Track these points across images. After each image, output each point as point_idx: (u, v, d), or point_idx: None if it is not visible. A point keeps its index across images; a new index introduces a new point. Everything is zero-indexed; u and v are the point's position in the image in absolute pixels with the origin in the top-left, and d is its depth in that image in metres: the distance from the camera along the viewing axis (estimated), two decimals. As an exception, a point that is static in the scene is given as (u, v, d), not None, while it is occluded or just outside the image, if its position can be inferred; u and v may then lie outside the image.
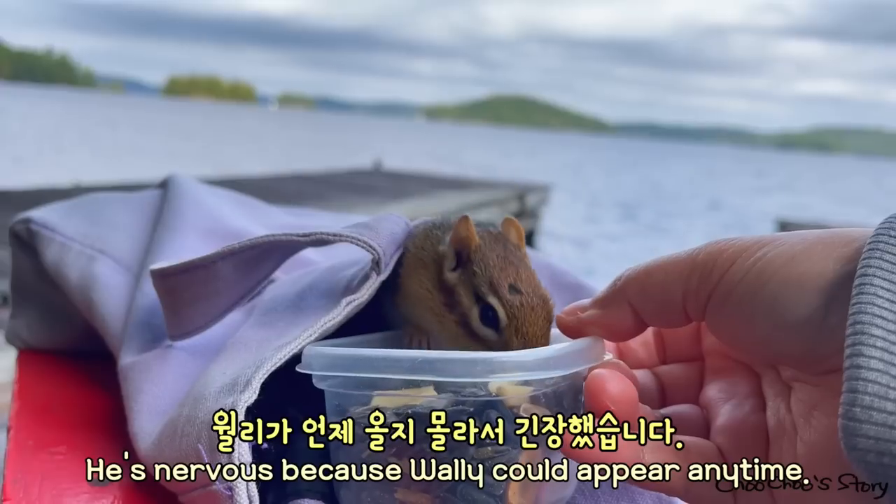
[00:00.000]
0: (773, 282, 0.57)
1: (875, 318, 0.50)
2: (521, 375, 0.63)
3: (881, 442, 0.48)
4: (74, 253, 1.14)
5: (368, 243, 0.78)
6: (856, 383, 0.49)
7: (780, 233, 0.62)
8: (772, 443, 0.62)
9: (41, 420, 0.98)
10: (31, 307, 1.24)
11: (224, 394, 0.71)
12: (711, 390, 0.70)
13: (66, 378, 1.14)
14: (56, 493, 0.80)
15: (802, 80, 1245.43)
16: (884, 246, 0.53)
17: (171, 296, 0.88)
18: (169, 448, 0.74)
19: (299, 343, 0.73)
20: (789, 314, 0.56)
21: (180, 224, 1.16)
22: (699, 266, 0.62)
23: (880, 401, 0.48)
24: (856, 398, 0.48)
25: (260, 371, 0.70)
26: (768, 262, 0.58)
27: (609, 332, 0.69)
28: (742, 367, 0.69)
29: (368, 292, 0.78)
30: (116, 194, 1.33)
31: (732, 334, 0.62)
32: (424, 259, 0.80)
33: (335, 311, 0.76)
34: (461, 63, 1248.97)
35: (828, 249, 0.57)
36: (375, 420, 0.65)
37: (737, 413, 0.66)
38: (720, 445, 0.65)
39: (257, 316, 0.87)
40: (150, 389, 0.87)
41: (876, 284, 0.51)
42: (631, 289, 0.66)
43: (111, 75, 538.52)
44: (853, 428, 0.48)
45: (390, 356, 0.66)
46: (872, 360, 0.49)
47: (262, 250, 0.84)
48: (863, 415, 0.48)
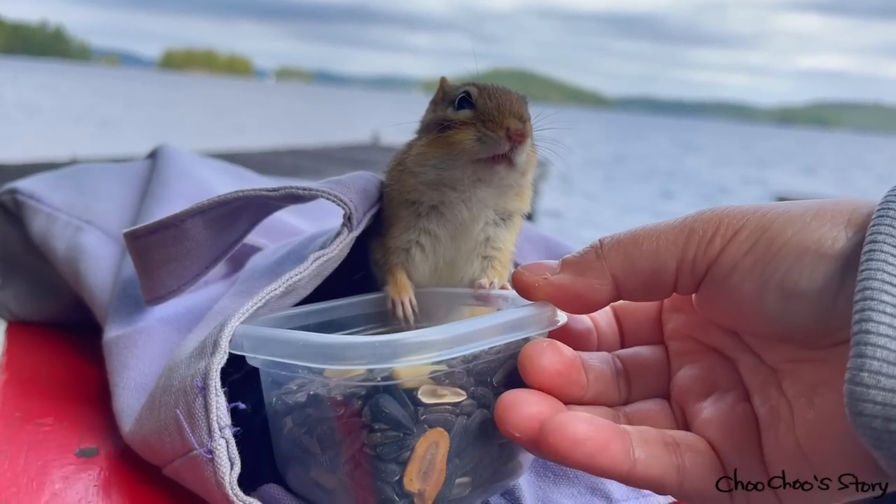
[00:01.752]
0: (786, 251, 0.55)
1: (885, 283, 0.49)
2: (428, 357, 0.60)
3: (888, 408, 0.47)
4: (61, 224, 1.13)
5: (340, 198, 0.76)
6: (864, 348, 0.48)
7: (777, 202, 0.60)
8: (764, 431, 0.59)
9: (29, 391, 0.97)
10: (19, 279, 1.23)
11: (195, 358, 0.69)
12: (684, 380, 0.66)
13: (55, 349, 1.13)
14: (42, 463, 0.79)
15: (801, 54, 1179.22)
16: (893, 213, 0.52)
17: (142, 258, 0.86)
18: (148, 420, 0.73)
19: (263, 298, 0.72)
20: (805, 285, 0.54)
21: (167, 194, 1.15)
22: (697, 233, 0.59)
23: (889, 366, 0.47)
24: (864, 363, 0.47)
25: (225, 330, 0.69)
26: (779, 230, 0.56)
27: (579, 302, 0.63)
28: (712, 352, 0.66)
29: (340, 248, 0.76)
30: (105, 164, 1.31)
31: (735, 310, 0.59)
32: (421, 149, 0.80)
33: (302, 266, 0.75)
34: (459, 36, 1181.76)
35: (838, 216, 0.55)
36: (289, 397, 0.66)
37: (721, 405, 0.62)
38: (710, 439, 0.61)
39: (237, 286, 0.86)
40: (136, 365, 0.86)
41: (886, 251, 0.50)
42: (615, 258, 0.61)
43: (107, 48, 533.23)
44: (860, 393, 0.47)
45: (303, 340, 0.63)
46: (882, 325, 0.48)
47: (233, 208, 0.82)
48: (870, 380, 0.47)
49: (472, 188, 0.77)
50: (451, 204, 0.79)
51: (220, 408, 0.65)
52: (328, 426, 0.64)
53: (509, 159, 0.74)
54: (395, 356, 0.59)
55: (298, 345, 0.63)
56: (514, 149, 0.73)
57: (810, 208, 0.56)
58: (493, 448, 0.66)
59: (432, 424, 0.62)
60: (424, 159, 0.78)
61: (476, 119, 0.75)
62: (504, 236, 0.82)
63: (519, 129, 0.72)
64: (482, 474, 0.66)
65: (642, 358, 0.69)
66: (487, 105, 0.74)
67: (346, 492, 0.64)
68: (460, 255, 0.81)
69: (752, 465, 0.58)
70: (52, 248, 1.11)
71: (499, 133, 0.73)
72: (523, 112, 0.75)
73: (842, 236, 0.54)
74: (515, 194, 0.81)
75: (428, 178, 0.78)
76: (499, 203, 0.80)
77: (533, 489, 0.78)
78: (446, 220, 0.80)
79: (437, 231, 0.80)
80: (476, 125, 0.74)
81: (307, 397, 0.66)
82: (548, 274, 0.64)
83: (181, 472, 0.70)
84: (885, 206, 0.53)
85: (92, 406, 0.93)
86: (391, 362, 0.59)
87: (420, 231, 0.80)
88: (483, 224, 0.80)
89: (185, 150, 1.38)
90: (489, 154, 0.74)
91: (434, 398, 0.62)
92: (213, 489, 0.64)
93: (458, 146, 0.75)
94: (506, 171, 0.76)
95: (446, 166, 0.77)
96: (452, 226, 0.80)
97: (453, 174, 0.77)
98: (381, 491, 0.62)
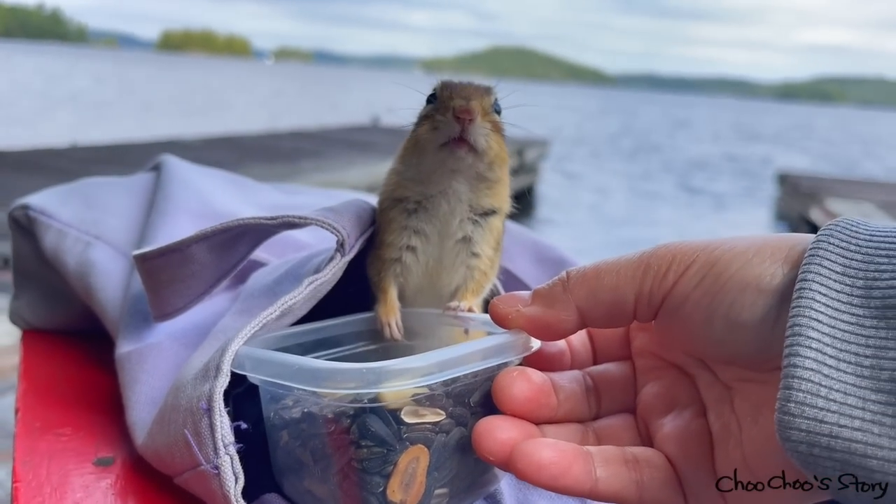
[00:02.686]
0: (730, 285, 0.61)
1: (812, 321, 0.55)
2: (411, 383, 0.67)
3: (812, 435, 0.53)
4: (71, 239, 1.19)
5: (333, 225, 0.83)
6: (791, 381, 0.54)
7: (726, 237, 0.66)
8: (717, 446, 0.65)
9: (47, 401, 1.04)
10: (33, 289, 1.29)
11: (199, 380, 0.76)
12: (648, 396, 0.73)
13: (68, 358, 1.20)
14: (63, 473, 0.86)
15: (803, 28, 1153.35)
16: (823, 253, 0.58)
17: (150, 278, 0.93)
18: (159, 435, 0.80)
19: (260, 322, 0.78)
20: (746, 316, 0.61)
21: (172, 208, 1.21)
22: (653, 269, 0.65)
23: (812, 397, 0.53)
24: (790, 395, 0.54)
25: (226, 354, 0.75)
26: (724, 266, 0.62)
27: (548, 331, 0.70)
28: (673, 368, 0.72)
29: (333, 272, 0.83)
30: (111, 179, 1.38)
31: (687, 336, 0.65)
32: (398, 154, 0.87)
33: (296, 290, 0.81)
34: (458, 14, 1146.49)
35: (777, 252, 0.61)
36: (286, 412, 0.74)
37: (679, 422, 0.68)
38: (669, 454, 0.67)
39: (238, 304, 0.92)
40: (147, 380, 0.92)
41: (814, 290, 0.56)
42: (580, 291, 0.67)
43: (104, 30, 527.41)
44: (787, 421, 0.54)
45: (298, 364, 0.70)
46: (808, 360, 0.54)
47: (235, 234, 0.89)
48: (796, 409, 0.53)
49: (448, 181, 0.84)
50: (433, 198, 0.85)
51: (224, 427, 0.72)
52: (320, 441, 0.72)
53: (468, 143, 0.80)
54: (380, 381, 0.66)
55: (294, 368, 0.70)
56: (466, 130, 0.79)
57: (753, 244, 0.62)
58: (470, 461, 0.73)
59: (414, 441, 0.69)
60: (403, 157, 0.86)
61: (433, 110, 0.82)
62: (481, 238, 0.86)
63: (462, 106, 0.78)
64: (459, 485, 0.74)
65: (610, 375, 0.76)
66: (443, 95, 0.81)
67: (336, 501, 0.72)
68: (445, 253, 0.87)
69: (704, 479, 0.65)
70: (63, 262, 1.17)
71: (447, 116, 0.79)
72: (471, 93, 0.80)
73: (779, 273, 0.60)
74: (487, 188, 0.85)
75: (408, 174, 0.85)
76: (472, 198, 0.85)
77: (513, 492, 0.85)
78: (431, 216, 0.85)
79: (426, 228, 0.86)
80: (433, 115, 0.82)
81: (302, 414, 0.73)
82: (520, 306, 0.70)
83: (190, 483, 0.77)
84: (815, 247, 0.59)
85: (106, 416, 1.00)
86: (376, 387, 0.66)
87: (410, 233, 0.86)
88: (459, 220, 0.85)
89: (185, 162, 1.44)
90: (444, 139, 0.80)
91: (416, 418, 0.69)
92: (220, 501, 0.71)
93: (419, 138, 0.82)
94: (469, 155, 0.81)
95: (419, 161, 0.83)
96: (438, 221, 0.86)
97: (426, 167, 0.83)
98: (366, 501, 0.70)
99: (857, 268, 0.57)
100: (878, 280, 0.55)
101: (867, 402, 0.52)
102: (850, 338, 0.54)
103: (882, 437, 0.51)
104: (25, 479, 0.84)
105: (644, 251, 0.67)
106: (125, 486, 0.85)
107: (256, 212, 1.35)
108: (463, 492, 0.75)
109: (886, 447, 0.51)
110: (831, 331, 0.54)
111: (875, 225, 0.60)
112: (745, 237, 0.64)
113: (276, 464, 0.78)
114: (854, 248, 0.58)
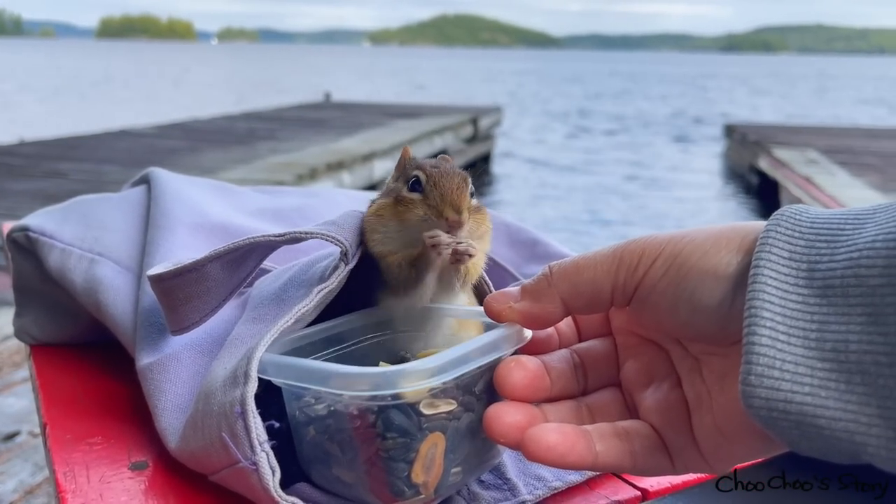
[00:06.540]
0: (691, 275, 0.71)
1: (765, 303, 0.64)
2: (426, 383, 0.76)
3: (770, 401, 0.63)
4: (75, 258, 1.26)
5: (336, 238, 0.91)
6: (750, 356, 0.64)
7: (688, 229, 0.75)
8: (692, 413, 0.75)
9: (71, 413, 1.11)
10: (37, 306, 1.35)
11: (229, 387, 0.84)
12: (630, 372, 0.82)
13: (82, 369, 1.26)
14: (102, 479, 0.94)
15: None
16: (771, 241, 0.67)
17: (167, 297, 1.01)
18: (194, 440, 0.89)
19: (278, 329, 0.87)
20: (706, 301, 0.70)
21: (169, 223, 1.28)
22: (625, 262, 0.74)
23: (769, 370, 0.63)
24: (751, 368, 0.63)
25: (252, 362, 0.83)
26: (686, 257, 0.71)
27: (537, 322, 0.80)
28: (649, 344, 0.81)
29: (338, 280, 0.91)
30: (102, 196, 1.43)
31: (657, 319, 0.75)
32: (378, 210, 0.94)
33: (307, 299, 0.89)
34: None
35: (731, 243, 0.71)
36: (310, 410, 0.83)
37: (658, 394, 0.78)
38: (653, 424, 0.77)
39: (248, 311, 1.00)
40: (171, 388, 1.00)
41: (766, 275, 0.65)
42: (562, 284, 0.76)
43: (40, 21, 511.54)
44: (749, 391, 0.64)
45: (318, 369, 0.79)
46: (763, 337, 0.63)
47: (245, 251, 0.97)
48: (756, 381, 0.63)
49: None
50: None
51: (259, 427, 0.81)
52: (347, 435, 0.81)
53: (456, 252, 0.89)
54: (400, 382, 0.76)
55: (317, 373, 0.79)
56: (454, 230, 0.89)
57: (711, 235, 0.72)
58: (479, 442, 0.84)
59: (432, 430, 0.80)
60: (381, 222, 0.93)
61: (423, 203, 0.90)
62: None
63: (455, 220, 0.88)
64: (471, 462, 0.85)
65: (595, 351, 0.85)
66: (433, 193, 0.89)
67: (364, 485, 0.82)
68: None
69: (684, 442, 0.75)
70: (70, 280, 1.24)
71: (440, 221, 0.88)
72: (461, 202, 0.89)
73: (734, 261, 0.70)
74: None
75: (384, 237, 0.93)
76: None
77: (515, 463, 0.95)
78: None
79: None
80: (423, 208, 0.89)
81: (328, 411, 0.82)
82: (511, 302, 0.80)
83: (227, 480, 0.86)
84: (765, 235, 0.68)
85: (132, 423, 1.07)
86: (395, 388, 0.76)
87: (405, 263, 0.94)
88: None
89: (171, 174, 1.50)
90: None
91: (432, 409, 0.79)
92: (260, 493, 0.80)
93: (407, 222, 0.90)
94: None
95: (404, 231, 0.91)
96: None
97: (412, 235, 0.91)
98: (393, 484, 0.80)
99: (801, 252, 0.66)
100: (819, 263, 0.65)
101: (815, 371, 0.62)
102: (797, 315, 0.64)
103: (828, 399, 0.61)
104: (69, 488, 0.92)
105: (617, 246, 0.76)
106: (163, 485, 0.93)
107: (247, 218, 1.42)
108: (474, 468, 0.86)
109: (832, 407, 0.61)
110: (782, 310, 0.64)
111: (816, 212, 0.69)
112: (704, 229, 0.73)
113: (303, 456, 0.87)
114: (798, 234, 0.67)
